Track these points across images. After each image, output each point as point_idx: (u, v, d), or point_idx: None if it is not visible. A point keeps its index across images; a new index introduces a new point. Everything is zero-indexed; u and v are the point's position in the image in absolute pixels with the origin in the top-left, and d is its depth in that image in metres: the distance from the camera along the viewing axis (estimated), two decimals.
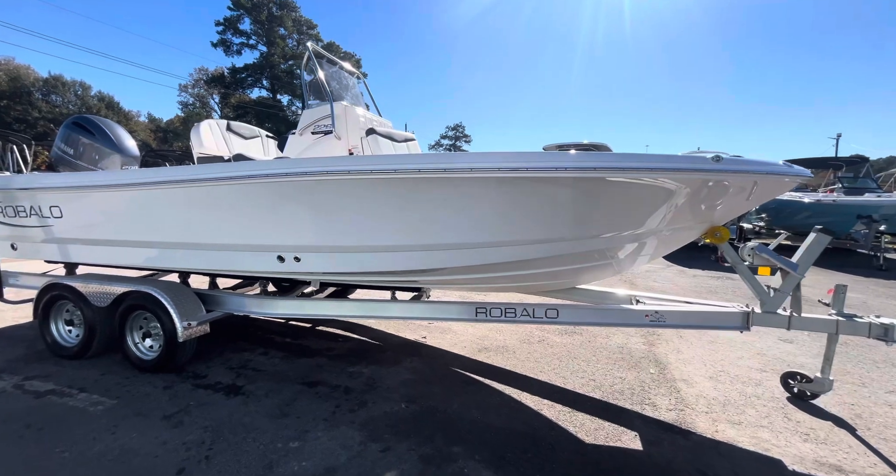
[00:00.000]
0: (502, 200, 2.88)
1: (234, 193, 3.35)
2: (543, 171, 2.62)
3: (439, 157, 2.75)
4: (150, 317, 3.89)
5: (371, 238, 3.21)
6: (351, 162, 2.99)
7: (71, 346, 4.08)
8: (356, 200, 3.09)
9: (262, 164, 3.34)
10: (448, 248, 3.18)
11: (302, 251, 3.44)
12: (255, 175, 3.16)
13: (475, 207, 2.94)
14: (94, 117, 5.43)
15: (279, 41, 50.44)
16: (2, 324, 5.27)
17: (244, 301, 4.03)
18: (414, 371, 3.95)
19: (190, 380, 3.72)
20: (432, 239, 3.14)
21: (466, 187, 2.83)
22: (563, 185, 2.74)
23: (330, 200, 3.14)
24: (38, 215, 4.15)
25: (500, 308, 3.47)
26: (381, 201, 3.05)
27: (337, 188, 3.05)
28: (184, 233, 3.69)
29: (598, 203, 2.88)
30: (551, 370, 3.95)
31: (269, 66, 50.41)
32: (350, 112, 4.24)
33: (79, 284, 3.98)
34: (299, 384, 3.66)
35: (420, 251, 3.21)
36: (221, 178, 3.25)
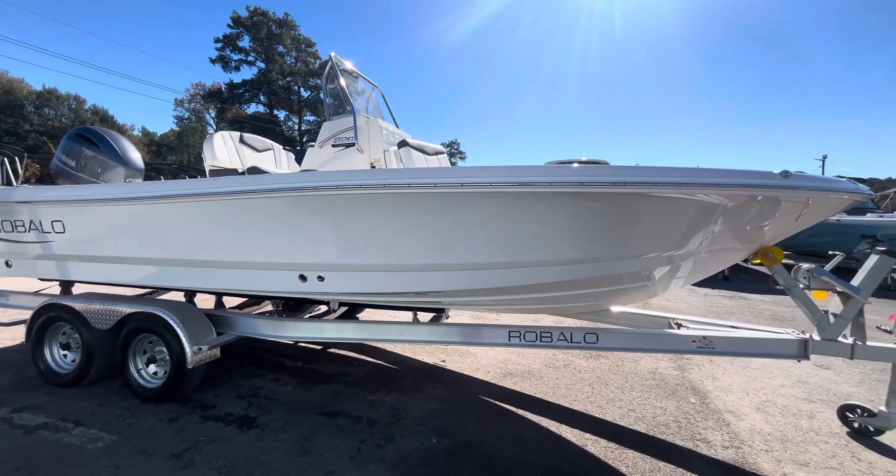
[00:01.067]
0: (542, 217, 2.67)
1: (256, 208, 3.10)
2: (597, 187, 2.42)
3: (485, 170, 2.54)
4: (156, 340, 3.59)
5: (404, 257, 2.97)
6: (387, 175, 2.76)
7: (66, 373, 3.74)
8: (389, 216, 2.86)
9: (288, 177, 3.10)
10: (486, 267, 2.95)
11: (326, 270, 3.18)
12: (281, 188, 2.92)
13: (516, 225, 2.73)
14: (99, 128, 5.19)
15: (277, 58, 50.78)
16: None
17: (257, 323, 3.73)
18: (440, 400, 3.66)
19: (198, 411, 3.40)
20: (470, 258, 2.90)
21: (511, 203, 2.62)
22: (608, 202, 2.54)
23: (360, 216, 2.91)
24: (37, 230, 3.85)
25: (535, 332, 3.22)
26: (415, 217, 2.82)
27: (369, 203, 2.82)
28: (198, 250, 3.41)
29: (645, 220, 2.68)
30: (585, 399, 3.69)
31: (266, 82, 50.61)
32: (373, 124, 4.05)
33: (79, 305, 3.67)
34: (318, 415, 3.36)
35: (456, 271, 2.97)
36: (243, 191, 3.01)
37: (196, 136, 52.33)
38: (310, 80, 52.77)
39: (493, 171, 2.53)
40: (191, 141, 50.32)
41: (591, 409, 3.51)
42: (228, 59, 50.13)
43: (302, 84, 52.10)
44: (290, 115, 53.04)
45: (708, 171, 2.42)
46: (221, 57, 50.11)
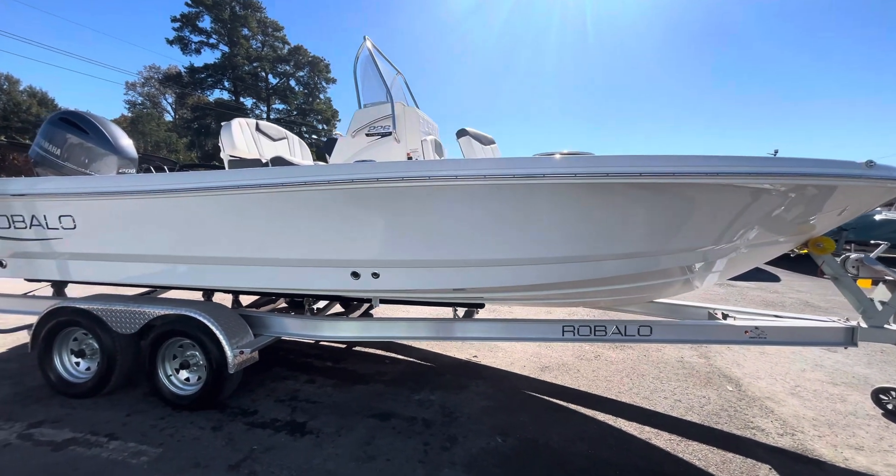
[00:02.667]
0: (613, 210, 2.63)
1: (308, 201, 2.88)
2: (667, 177, 2.38)
3: (570, 161, 2.43)
4: (187, 344, 3.32)
5: (469, 252, 2.84)
6: (460, 166, 2.61)
7: (83, 382, 3.40)
8: (458, 209, 2.72)
9: (347, 168, 2.87)
10: (552, 262, 2.87)
11: (382, 266, 3.01)
12: (341, 180, 2.72)
13: (590, 218, 2.66)
14: (85, 112, 4.73)
15: (243, 42, 48.27)
16: None
17: (295, 323, 3.51)
18: (487, 397, 3.58)
19: (240, 418, 3.18)
20: (539, 253, 2.82)
21: (586, 195, 2.55)
22: (671, 194, 2.51)
23: (425, 209, 2.75)
24: (41, 226, 3.45)
25: (589, 326, 3.18)
26: (486, 210, 2.70)
27: (435, 195, 2.68)
28: (240, 247, 3.15)
29: (704, 212, 2.68)
30: (629, 390, 3.71)
31: (231, 66, 48.11)
32: (410, 113, 3.85)
33: (97, 307, 3.33)
34: (369, 417, 3.21)
35: (524, 267, 2.88)
36: (300, 182, 2.78)
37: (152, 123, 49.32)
38: (278, 66, 50.65)
39: (581, 162, 2.44)
40: (147, 128, 47.26)
41: (639, 400, 3.52)
42: (187, 40, 47.09)
43: (270, 70, 49.92)
44: (258, 103, 50.75)
45: (784, 160, 2.40)
46: (180, 38, 47.01)
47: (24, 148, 13.39)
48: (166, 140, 47.91)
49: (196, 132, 46.78)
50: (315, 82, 52.08)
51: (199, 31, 47.06)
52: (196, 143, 46.92)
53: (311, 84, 52.04)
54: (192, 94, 49.65)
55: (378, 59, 3.87)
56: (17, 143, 12.39)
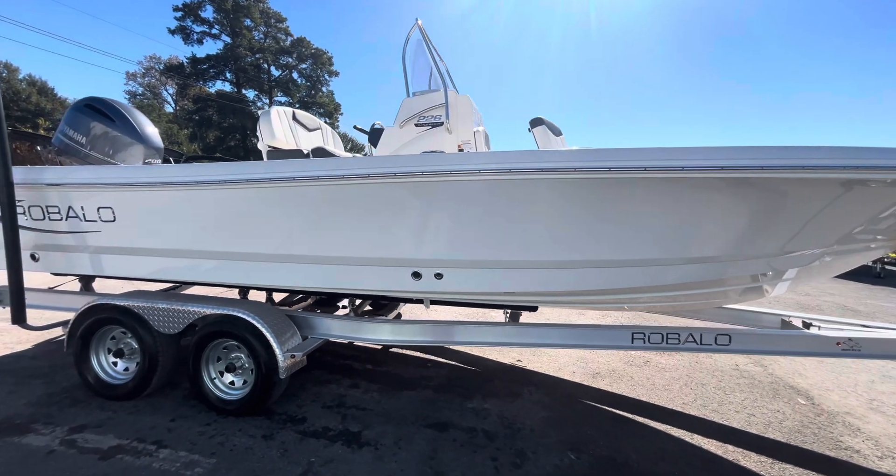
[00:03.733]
0: (679, 208, 2.47)
1: (369, 196, 2.73)
2: (754, 171, 2.21)
3: (671, 151, 2.26)
4: (232, 346, 3.18)
5: (540, 252, 2.68)
6: (551, 158, 2.43)
7: (122, 384, 3.26)
8: (535, 205, 2.56)
9: (416, 159, 2.69)
10: (626, 265, 2.72)
11: (447, 266, 2.85)
12: (409, 172, 2.56)
13: (679, 216, 2.51)
14: (110, 99, 4.59)
15: (245, 32, 47.98)
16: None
17: (344, 325, 3.36)
18: (545, 406, 3.44)
19: (289, 425, 3.03)
20: (613, 255, 2.66)
21: (677, 191, 2.39)
22: (757, 190, 2.35)
23: (501, 205, 2.59)
24: (78, 218, 3.30)
25: (661, 333, 3.04)
26: (565, 208, 2.54)
27: (517, 190, 2.52)
28: (289, 243, 2.99)
29: (797, 211, 2.50)
30: (694, 402, 3.55)
31: (234, 57, 47.82)
32: (463, 102, 3.66)
33: (139, 305, 3.18)
34: (425, 427, 3.06)
35: (595, 269, 2.72)
36: (365, 175, 2.62)
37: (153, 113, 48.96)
38: (280, 58, 50.35)
39: (657, 154, 2.27)
40: (148, 119, 47.09)
41: (709, 413, 3.37)
42: (189, 30, 46.82)
43: (272, 62, 49.63)
44: (260, 95, 50.48)
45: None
46: (182, 28, 46.78)
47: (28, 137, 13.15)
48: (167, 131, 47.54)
49: (198, 124, 46.53)
50: (318, 75, 51.80)
51: (202, 20, 46.74)
52: (198, 135, 46.70)
53: (313, 77, 51.77)
54: (193, 85, 49.36)
55: (430, 46, 3.69)
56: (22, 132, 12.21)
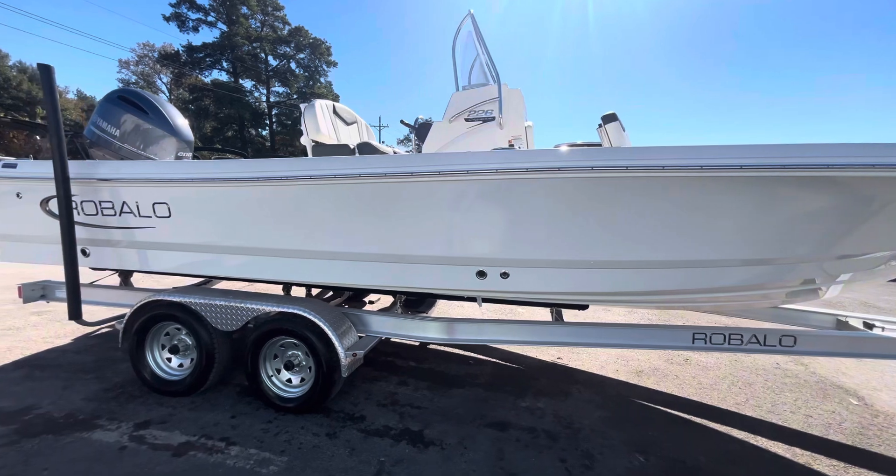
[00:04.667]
0: (745, 206, 2.49)
1: (442, 193, 2.75)
2: (828, 170, 2.23)
3: (761, 148, 2.29)
4: (289, 343, 3.22)
5: (619, 252, 2.71)
6: (635, 156, 2.44)
7: (179, 380, 3.30)
8: (617, 204, 2.58)
9: (499, 156, 2.67)
10: (699, 265, 2.75)
11: (514, 265, 2.89)
12: (485, 169, 2.59)
13: (767, 215, 2.52)
14: (142, 91, 4.59)
15: (242, 20, 47.49)
16: (26, 346, 4.29)
17: (401, 323, 3.40)
18: (598, 405, 3.49)
19: (349, 424, 3.08)
20: (689, 255, 2.69)
21: (766, 190, 2.42)
22: (830, 189, 2.37)
23: (583, 203, 2.61)
24: (132, 214, 3.31)
25: (723, 334, 3.08)
26: (651, 206, 2.56)
27: (600, 188, 2.54)
28: (354, 241, 3.02)
29: (872, 212, 2.53)
30: (746, 402, 3.60)
31: (230, 46, 47.37)
32: (515, 96, 3.66)
33: (196, 301, 3.21)
34: (485, 427, 3.11)
35: (669, 270, 2.76)
36: (451, 171, 2.64)
37: None
38: (278, 47, 49.89)
39: (739, 152, 2.30)
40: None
41: (765, 414, 3.41)
42: (185, 17, 46.37)
43: (270, 51, 49.17)
44: (258, 85, 50.09)
45: None
46: (177, 14, 46.30)
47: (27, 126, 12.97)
48: None
49: (194, 114, 46.13)
50: (316, 65, 51.43)
51: (197, 7, 46.29)
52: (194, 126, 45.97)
53: (311, 67, 51.39)
54: (189, 74, 48.87)
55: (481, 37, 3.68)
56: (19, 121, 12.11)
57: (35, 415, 3.02)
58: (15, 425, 2.88)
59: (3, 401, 3.21)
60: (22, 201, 3.51)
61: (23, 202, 3.51)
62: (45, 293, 3.96)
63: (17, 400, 3.22)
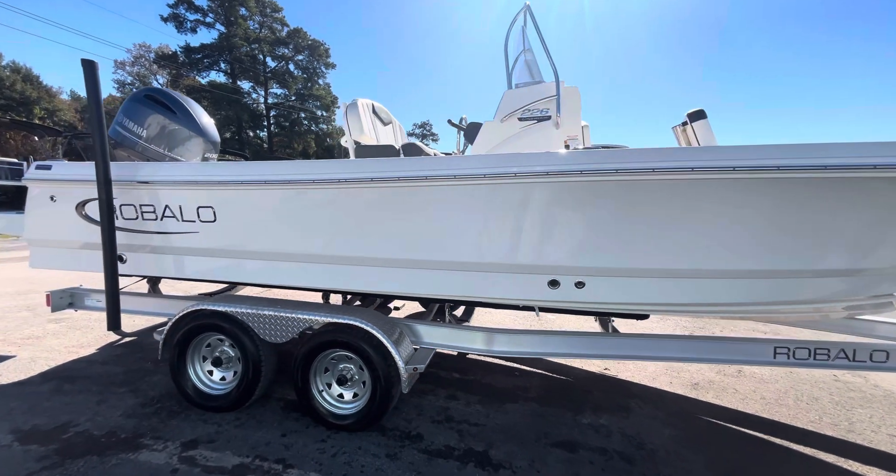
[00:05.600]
0: (834, 212, 2.37)
1: (517, 196, 2.62)
2: None
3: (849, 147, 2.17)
4: (342, 356, 3.07)
5: (705, 260, 2.57)
6: (733, 155, 2.30)
7: (224, 395, 3.14)
8: (709, 209, 2.46)
9: (582, 157, 2.53)
10: (800, 276, 2.62)
11: (591, 274, 2.75)
12: (570, 171, 2.45)
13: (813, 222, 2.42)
14: (169, 90, 4.47)
15: (240, 21, 47.46)
16: (50, 357, 4.13)
17: (458, 334, 3.26)
18: (664, 422, 3.35)
19: (408, 443, 2.93)
20: (790, 265, 2.56)
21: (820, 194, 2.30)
22: None
23: (674, 207, 2.48)
24: (174, 218, 3.17)
25: (808, 348, 2.97)
26: (756, 210, 2.43)
27: (703, 190, 2.40)
28: (417, 247, 2.87)
29: None
30: (819, 420, 3.45)
31: (228, 48, 47.30)
32: (573, 95, 3.53)
33: (244, 311, 3.06)
34: (551, 447, 2.96)
35: (764, 280, 2.63)
36: (511, 173, 2.52)
37: None
38: (277, 49, 49.84)
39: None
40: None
41: (845, 434, 3.23)
42: (183, 17, 46.31)
43: (268, 53, 49.13)
44: (256, 87, 49.98)
45: None
46: (175, 15, 46.23)
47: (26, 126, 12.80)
48: None
49: None
50: (314, 67, 51.43)
51: (195, 8, 46.24)
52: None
53: (310, 69, 51.38)
54: (186, 75, 48.70)
55: (538, 31, 3.54)
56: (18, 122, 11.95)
57: (74, 433, 2.86)
58: (55, 445, 2.72)
59: (37, 417, 3.04)
60: (56, 205, 3.37)
61: (57, 206, 3.36)
62: (74, 301, 3.80)
63: (52, 416, 3.06)
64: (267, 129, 49.43)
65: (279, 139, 48.54)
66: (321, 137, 50.45)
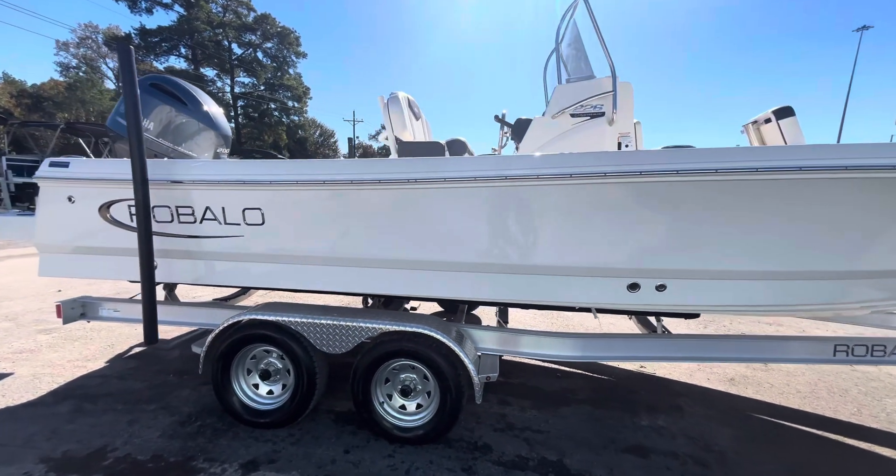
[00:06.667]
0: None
1: (603, 196, 2.52)
2: None
3: None
4: (404, 365, 2.92)
5: (802, 261, 2.55)
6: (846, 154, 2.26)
7: (275, 409, 2.93)
8: (810, 208, 2.41)
9: (673, 156, 2.43)
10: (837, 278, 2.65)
11: (674, 277, 2.69)
12: (663, 171, 2.37)
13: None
14: (176, 78, 4.16)
15: (202, 3, 45.11)
16: (55, 372, 3.76)
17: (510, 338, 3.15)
18: (721, 422, 3.34)
19: (478, 455, 2.81)
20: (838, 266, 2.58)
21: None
22: None
23: (770, 206, 2.42)
24: (216, 220, 2.90)
25: (866, 345, 3.02)
26: (844, 212, 2.41)
27: (806, 189, 2.35)
28: (484, 251, 2.72)
29: None
30: (858, 412, 3.55)
31: (189, 31, 44.92)
32: (626, 90, 3.45)
33: (297, 320, 2.84)
34: (623, 453, 2.91)
35: (845, 281, 2.64)
36: (601, 172, 2.42)
37: (93, 90, 45.00)
38: (243, 35, 47.76)
39: None
40: (87, 96, 42.81)
41: (888, 426, 3.31)
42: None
43: (234, 39, 47.03)
44: (221, 75, 47.82)
45: None
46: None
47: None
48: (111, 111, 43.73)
49: None
50: (284, 56, 49.69)
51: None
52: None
53: (279, 57, 49.61)
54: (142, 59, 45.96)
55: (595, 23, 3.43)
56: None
57: (114, 459, 2.59)
58: (98, 474, 2.45)
59: (65, 442, 2.74)
60: (75, 207, 3.02)
61: (76, 208, 3.02)
62: (86, 311, 3.45)
63: (83, 441, 2.76)
64: (234, 119, 47.48)
65: (248, 131, 46.74)
66: (293, 129, 48.97)
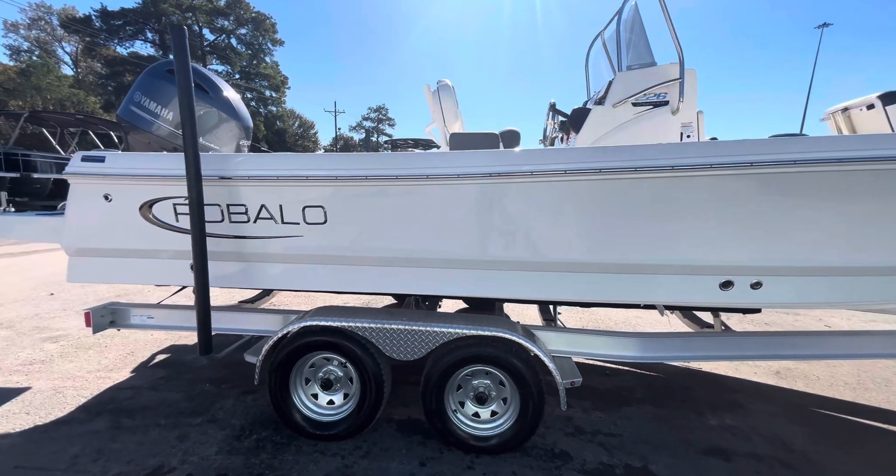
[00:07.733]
0: None
1: (704, 189, 2.39)
2: None
3: None
4: (477, 371, 2.77)
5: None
6: None
7: (342, 420, 2.74)
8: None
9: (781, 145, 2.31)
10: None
11: (771, 274, 2.59)
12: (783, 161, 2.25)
13: None
14: (196, 65, 3.86)
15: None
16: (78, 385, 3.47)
17: (578, 340, 3.04)
18: (788, 419, 3.28)
19: (560, 463, 2.70)
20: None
21: None
22: None
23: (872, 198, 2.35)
24: (272, 219, 2.65)
25: None
26: None
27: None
28: (582, 248, 2.59)
29: None
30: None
31: (156, 15, 42.90)
32: (690, 77, 3.33)
33: (365, 326, 2.65)
34: (705, 456, 2.82)
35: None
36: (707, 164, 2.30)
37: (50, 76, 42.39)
38: (215, 20, 45.82)
39: None
40: (43, 82, 40.26)
41: None
42: None
43: (206, 23, 45.16)
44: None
45: None
46: None
47: None
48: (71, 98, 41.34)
49: (115, 91, 41.48)
50: (259, 43, 48.01)
51: None
52: (115, 105, 41.62)
53: (254, 44, 47.94)
54: (104, 44, 43.74)
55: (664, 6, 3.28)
56: None
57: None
58: None
59: (115, 464, 2.49)
60: (112, 205, 2.73)
61: (113, 207, 2.73)
62: (115, 318, 3.17)
63: (134, 461, 2.52)
64: None
65: None
66: (270, 120, 47.55)
